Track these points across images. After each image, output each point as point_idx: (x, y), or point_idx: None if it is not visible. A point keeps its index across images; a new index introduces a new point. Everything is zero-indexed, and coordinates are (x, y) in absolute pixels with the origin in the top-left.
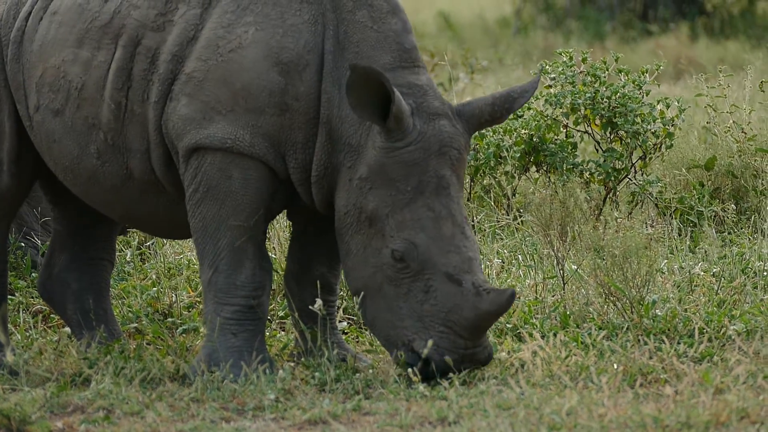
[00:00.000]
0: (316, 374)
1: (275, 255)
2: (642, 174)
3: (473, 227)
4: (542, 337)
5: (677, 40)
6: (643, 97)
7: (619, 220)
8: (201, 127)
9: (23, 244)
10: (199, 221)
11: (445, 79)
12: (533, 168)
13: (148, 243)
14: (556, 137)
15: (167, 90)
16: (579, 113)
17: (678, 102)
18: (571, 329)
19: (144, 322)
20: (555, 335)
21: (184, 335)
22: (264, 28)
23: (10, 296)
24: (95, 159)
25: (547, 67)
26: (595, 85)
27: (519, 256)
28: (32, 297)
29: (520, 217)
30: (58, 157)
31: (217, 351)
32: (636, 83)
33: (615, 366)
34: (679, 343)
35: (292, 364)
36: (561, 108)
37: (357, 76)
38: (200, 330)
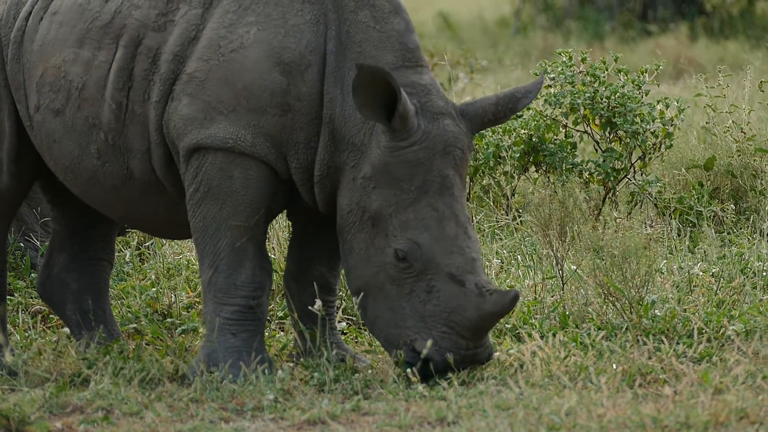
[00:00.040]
0: (315, 374)
1: (274, 255)
2: (641, 174)
3: None
4: (541, 338)
5: (676, 40)
6: (643, 97)
7: (619, 220)
8: (202, 127)
9: (22, 245)
10: (200, 221)
11: (445, 79)
12: (532, 168)
13: (148, 243)
14: (556, 137)
15: (168, 90)
16: (578, 113)
17: (677, 102)
18: (570, 329)
19: (143, 323)
20: (554, 335)
21: (183, 336)
22: (266, 28)
23: (9, 296)
24: (96, 159)
25: (547, 68)
26: (595, 85)
27: (518, 257)
28: (31, 297)
29: (519, 218)
30: (59, 157)
31: (216, 351)
32: (635, 83)
33: (614, 366)
34: (678, 344)
35: (291, 365)
36: (560, 108)
37: (364, 76)
38: (199, 330)
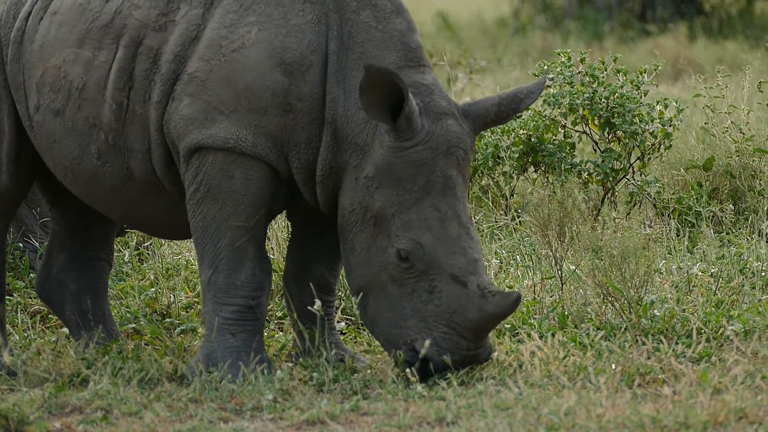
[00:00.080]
0: (314, 375)
1: (273, 255)
2: (640, 174)
3: None
4: (540, 338)
5: (675, 41)
6: (642, 98)
7: (618, 221)
8: (203, 127)
9: (21, 245)
10: (200, 221)
11: (444, 80)
12: (531, 168)
13: (147, 244)
14: (555, 137)
15: (169, 90)
16: (577, 113)
17: (676, 102)
18: (570, 329)
19: (142, 323)
20: (553, 335)
21: (183, 336)
22: (267, 28)
23: (8, 297)
24: (96, 159)
25: (546, 68)
26: (594, 86)
27: (517, 257)
28: (30, 297)
29: (519, 218)
30: (59, 158)
31: (216, 351)
32: (634, 83)
33: (613, 366)
34: (677, 344)
35: (290, 365)
36: (559, 108)
37: (371, 77)
38: (198, 330)
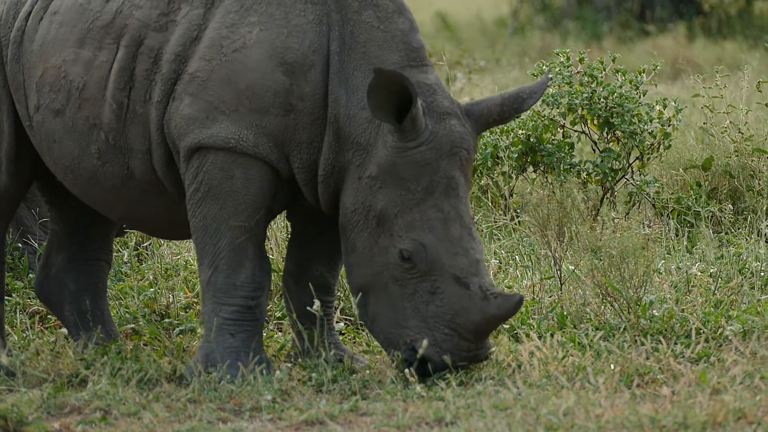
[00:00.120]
0: (313, 375)
1: (272, 256)
2: (639, 174)
3: None
4: (539, 338)
5: (674, 40)
6: (640, 98)
7: (617, 221)
8: (204, 127)
9: (21, 245)
10: (200, 220)
11: (443, 80)
12: (530, 168)
13: (146, 244)
14: (554, 137)
15: (170, 90)
16: (576, 113)
17: (675, 102)
18: (568, 330)
19: (141, 323)
20: (552, 336)
21: (181, 336)
22: (268, 29)
23: (7, 297)
24: (96, 159)
25: (544, 68)
26: (592, 86)
27: (516, 257)
28: (29, 298)
29: (518, 218)
30: (58, 158)
31: (215, 352)
32: (633, 83)
33: (612, 366)
34: (676, 344)
35: (289, 365)
36: (558, 108)
37: (381, 80)
38: (197, 331)
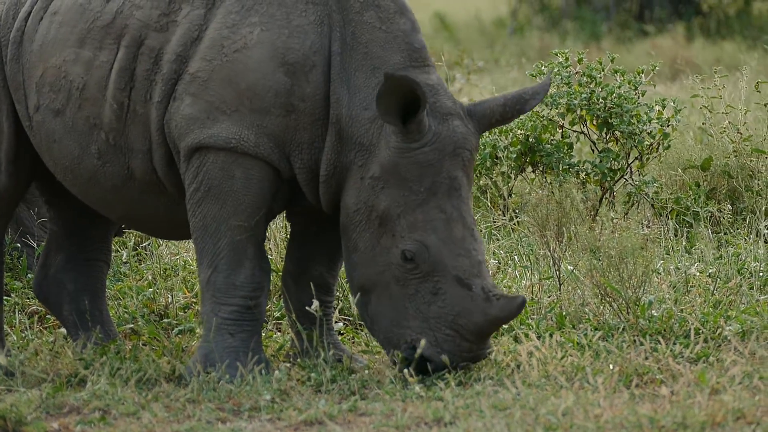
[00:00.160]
0: (312, 375)
1: (271, 256)
2: (638, 174)
3: None
4: (538, 338)
5: (673, 41)
6: (639, 98)
7: (615, 221)
8: (205, 127)
9: (19, 245)
10: (200, 220)
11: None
12: (529, 168)
13: (144, 244)
14: (552, 138)
15: (170, 90)
16: (575, 114)
17: (674, 103)
18: (567, 330)
19: (140, 323)
20: (551, 336)
21: (180, 336)
22: (269, 29)
23: (6, 297)
24: (96, 159)
25: (543, 68)
26: (591, 86)
27: (515, 257)
28: (28, 298)
29: (517, 218)
30: (58, 157)
31: (214, 352)
32: (632, 84)
33: (611, 366)
34: (675, 344)
35: (288, 365)
36: (557, 108)
37: (391, 85)
38: (196, 331)
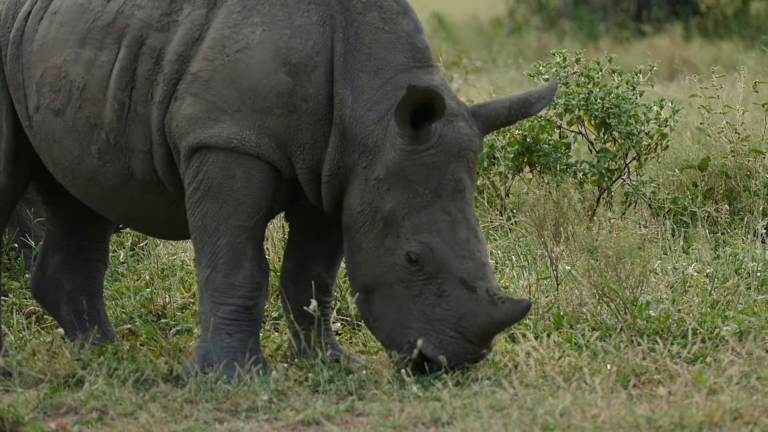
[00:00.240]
0: (310, 375)
1: (269, 256)
2: (636, 174)
3: None
4: (536, 338)
5: (671, 41)
6: (637, 98)
7: (613, 221)
8: (206, 127)
9: (17, 245)
10: (199, 220)
11: None
12: (527, 168)
13: (142, 244)
14: (550, 138)
15: (172, 90)
16: (573, 114)
17: (672, 103)
18: (565, 330)
19: (137, 323)
20: (548, 336)
21: (178, 336)
22: (272, 29)
23: (4, 297)
24: (96, 159)
25: (541, 68)
26: (589, 86)
27: (512, 257)
28: (26, 298)
29: (514, 218)
30: (58, 157)
31: (211, 352)
32: (629, 84)
33: (608, 367)
34: (673, 344)
35: (286, 365)
36: (554, 108)
37: (413, 96)
38: (194, 331)
